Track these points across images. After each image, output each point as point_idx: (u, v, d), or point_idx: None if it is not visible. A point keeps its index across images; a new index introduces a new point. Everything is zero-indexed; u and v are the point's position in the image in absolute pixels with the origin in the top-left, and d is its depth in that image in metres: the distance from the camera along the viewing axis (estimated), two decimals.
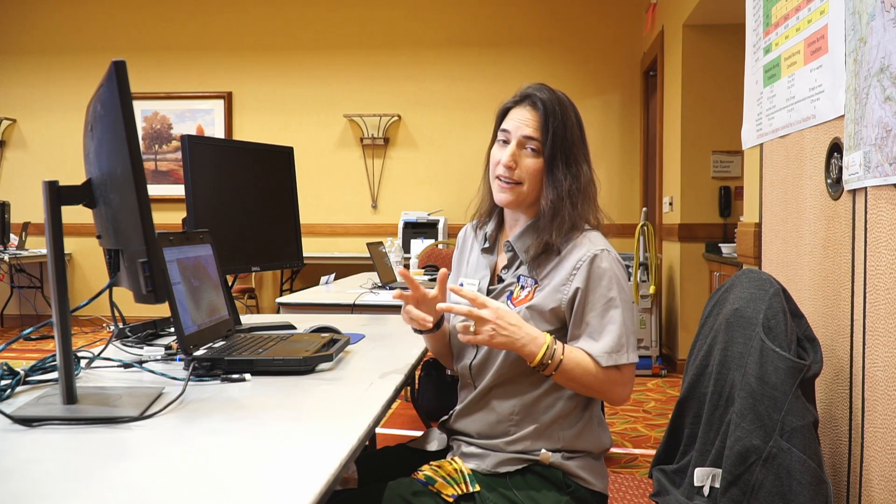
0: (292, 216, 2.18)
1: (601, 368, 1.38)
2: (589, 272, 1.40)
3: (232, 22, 6.69)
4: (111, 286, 1.21)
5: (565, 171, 1.44)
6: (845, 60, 1.37)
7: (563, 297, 1.41)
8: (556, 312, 1.42)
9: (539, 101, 1.45)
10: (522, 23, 6.45)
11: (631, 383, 1.44)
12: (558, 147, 1.44)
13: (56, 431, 1.03)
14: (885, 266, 1.23)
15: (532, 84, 1.50)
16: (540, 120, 1.44)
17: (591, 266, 1.40)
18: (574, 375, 1.38)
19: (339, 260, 6.23)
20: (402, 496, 1.35)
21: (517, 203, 1.47)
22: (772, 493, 1.20)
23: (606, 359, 1.38)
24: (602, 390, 1.41)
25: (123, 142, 1.02)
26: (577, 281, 1.41)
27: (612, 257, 1.43)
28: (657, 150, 5.43)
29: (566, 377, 1.38)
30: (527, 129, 1.45)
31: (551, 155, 1.44)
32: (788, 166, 1.72)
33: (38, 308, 6.81)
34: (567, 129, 1.45)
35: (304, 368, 1.42)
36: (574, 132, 1.47)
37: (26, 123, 6.89)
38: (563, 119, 1.45)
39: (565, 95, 1.51)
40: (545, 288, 1.44)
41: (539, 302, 1.43)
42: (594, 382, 1.39)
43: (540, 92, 1.46)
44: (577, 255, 1.42)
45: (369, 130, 6.57)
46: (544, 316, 1.42)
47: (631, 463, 3.11)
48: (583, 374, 1.38)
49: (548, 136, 1.43)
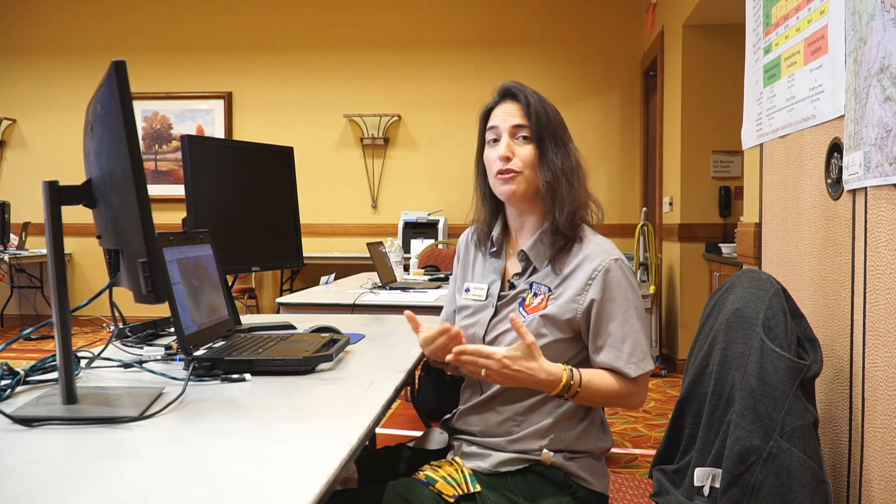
0: (292, 216, 2.18)
1: (622, 382, 1.41)
2: (605, 284, 1.41)
3: (232, 22, 6.69)
4: (111, 286, 1.21)
5: (555, 151, 1.47)
6: (845, 60, 1.37)
7: (579, 307, 1.42)
8: (571, 323, 1.43)
9: (518, 91, 1.49)
10: (522, 23, 6.45)
11: (646, 390, 1.46)
12: (545, 129, 1.47)
13: (56, 431, 1.03)
14: (885, 266, 1.23)
15: (505, 82, 1.54)
16: (524, 108, 1.48)
17: (607, 277, 1.41)
18: (593, 399, 1.41)
19: (339, 260, 6.23)
20: (402, 496, 1.35)
21: (523, 193, 1.47)
22: (772, 493, 1.20)
23: (634, 369, 1.40)
24: (620, 402, 1.44)
25: (123, 142, 1.02)
26: (593, 292, 1.41)
27: (625, 266, 1.44)
28: (657, 150, 5.43)
29: (584, 402, 1.42)
30: (514, 119, 1.48)
31: (539, 138, 1.47)
32: (788, 166, 1.72)
33: (38, 308, 6.81)
34: (548, 114, 1.49)
35: (304, 368, 1.41)
36: (555, 116, 1.50)
37: (26, 123, 6.89)
38: (542, 104, 1.49)
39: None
40: (560, 297, 1.44)
41: (554, 312, 1.43)
42: (614, 398, 1.42)
43: (516, 85, 1.51)
44: (592, 265, 1.43)
45: (369, 130, 6.57)
46: (559, 326, 1.43)
47: (631, 463, 3.11)
48: (602, 396, 1.41)
49: (533, 120, 1.47)
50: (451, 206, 6.32)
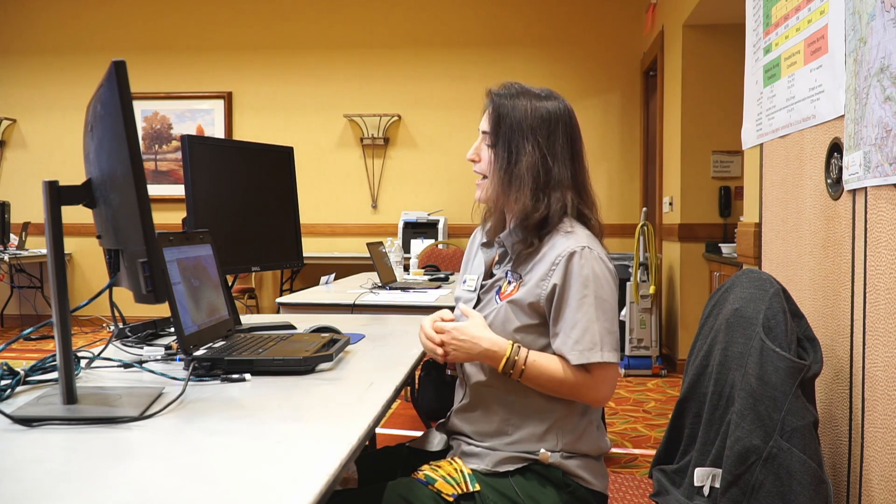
0: (292, 216, 2.18)
1: (572, 370, 1.39)
2: (566, 269, 1.40)
3: (232, 22, 6.69)
4: (111, 286, 1.21)
5: (504, 154, 1.47)
6: (845, 60, 1.37)
7: (542, 292, 1.42)
8: (535, 307, 1.43)
9: (492, 95, 1.51)
10: (523, 23, 6.45)
11: (607, 384, 1.41)
12: (501, 133, 1.48)
13: (56, 431, 1.03)
14: (885, 266, 1.23)
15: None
16: (491, 113, 1.50)
17: (569, 263, 1.40)
18: (540, 382, 1.40)
19: (339, 260, 6.23)
20: (402, 496, 1.35)
21: (487, 198, 1.53)
22: (772, 493, 1.20)
23: (577, 356, 1.37)
24: (573, 393, 1.41)
25: (123, 142, 1.02)
26: (555, 277, 1.41)
27: (592, 255, 1.41)
28: (657, 150, 5.43)
29: (533, 383, 1.41)
30: (483, 124, 1.52)
31: (494, 142, 1.49)
32: (788, 166, 1.72)
33: (38, 308, 6.81)
34: (514, 116, 1.46)
35: (304, 368, 1.41)
36: (522, 119, 1.46)
37: (26, 123, 6.89)
38: (511, 108, 1.47)
39: (544, 89, 1.52)
40: (527, 283, 1.45)
41: (520, 297, 1.45)
42: (562, 387, 1.40)
43: (497, 88, 1.52)
44: (557, 251, 1.43)
45: (369, 130, 6.57)
46: (524, 310, 1.44)
47: (631, 463, 3.11)
48: (549, 380, 1.40)
49: (493, 125, 1.49)
50: (451, 206, 6.32)
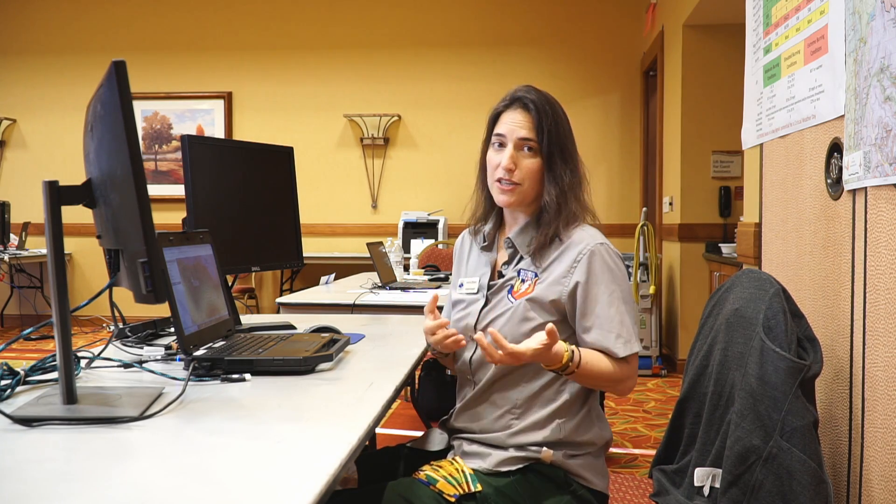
0: (292, 216, 2.18)
1: (616, 362, 1.42)
2: (589, 266, 1.44)
3: (232, 22, 6.69)
4: (111, 286, 1.21)
5: (563, 167, 1.49)
6: (845, 60, 1.37)
7: (564, 289, 1.44)
8: (556, 304, 1.45)
9: (530, 102, 1.49)
10: (522, 23, 6.45)
11: (636, 374, 1.47)
12: (554, 145, 1.49)
13: (56, 431, 1.03)
14: (885, 266, 1.23)
15: (519, 87, 1.54)
16: (534, 120, 1.48)
17: (591, 260, 1.44)
18: (591, 376, 1.41)
19: (339, 260, 6.23)
20: (402, 496, 1.35)
21: (519, 203, 1.51)
22: (772, 493, 1.20)
23: (623, 349, 1.42)
24: (614, 383, 1.44)
25: (123, 142, 1.02)
26: (578, 275, 1.44)
27: (611, 251, 1.47)
28: (657, 150, 5.43)
29: (585, 376, 1.41)
30: (522, 130, 1.49)
31: (549, 153, 1.49)
32: (788, 166, 1.72)
33: (38, 308, 6.81)
34: (559, 126, 1.50)
35: (304, 368, 1.41)
36: (565, 128, 1.52)
37: (26, 123, 6.89)
38: (554, 117, 1.50)
39: (550, 94, 1.55)
40: (546, 280, 1.46)
41: (539, 294, 1.45)
42: (608, 380, 1.43)
43: (529, 94, 1.51)
44: (577, 248, 1.46)
45: (369, 130, 6.57)
46: (544, 307, 1.45)
47: (631, 463, 3.11)
48: (598, 375, 1.41)
49: (543, 135, 1.48)
50: (451, 206, 6.32)
